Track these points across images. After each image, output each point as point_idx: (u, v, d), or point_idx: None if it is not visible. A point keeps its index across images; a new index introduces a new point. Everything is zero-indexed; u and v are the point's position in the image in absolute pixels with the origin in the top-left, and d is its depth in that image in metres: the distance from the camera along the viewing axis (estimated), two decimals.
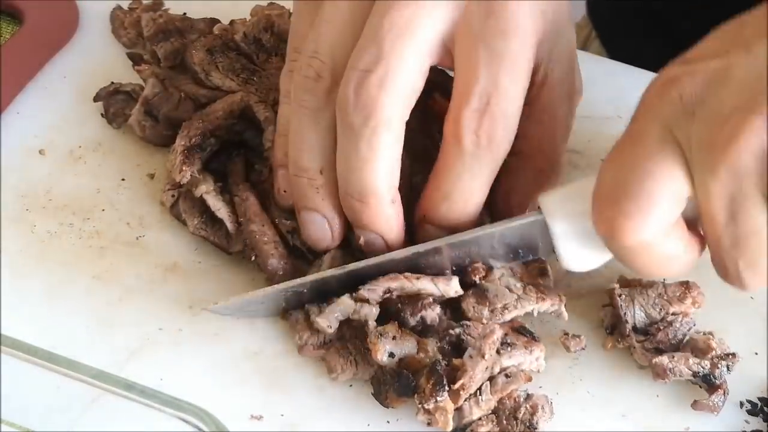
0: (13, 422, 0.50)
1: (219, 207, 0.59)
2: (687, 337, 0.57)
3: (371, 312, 0.54)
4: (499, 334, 0.54)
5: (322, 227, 0.57)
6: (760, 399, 0.56)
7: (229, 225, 0.59)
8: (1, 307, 0.57)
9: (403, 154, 0.55)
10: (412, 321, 0.55)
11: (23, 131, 0.66)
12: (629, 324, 0.57)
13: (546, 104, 0.57)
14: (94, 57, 0.71)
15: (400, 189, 0.56)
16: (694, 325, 0.57)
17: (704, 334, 0.57)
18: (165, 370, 0.55)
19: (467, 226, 0.56)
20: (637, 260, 0.49)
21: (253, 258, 0.58)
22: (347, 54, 0.53)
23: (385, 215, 0.55)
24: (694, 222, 0.50)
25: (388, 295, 0.55)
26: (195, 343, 0.56)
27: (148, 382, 0.51)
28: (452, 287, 0.55)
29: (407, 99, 0.53)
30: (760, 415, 0.56)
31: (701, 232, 0.50)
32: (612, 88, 0.73)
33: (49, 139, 0.66)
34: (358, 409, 0.54)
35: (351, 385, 0.55)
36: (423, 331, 0.55)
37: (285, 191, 0.58)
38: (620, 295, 0.58)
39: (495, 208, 0.59)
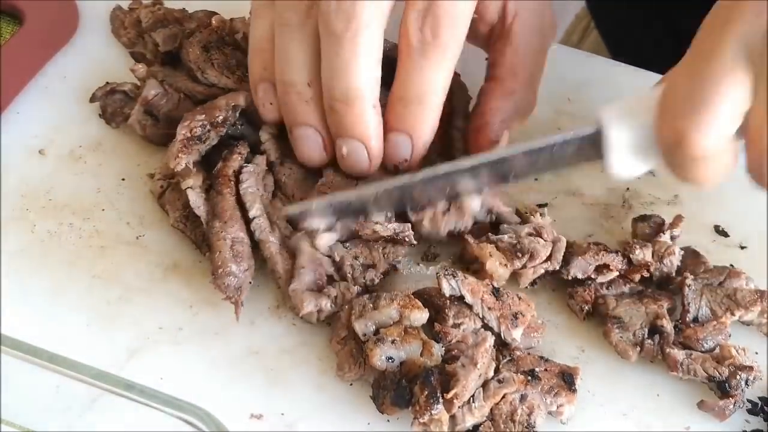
0: (13, 422, 0.50)
1: (199, 204, 0.59)
2: (716, 346, 0.57)
3: (420, 317, 0.55)
4: (490, 341, 0.54)
5: (315, 141, 0.59)
6: (760, 399, 0.56)
7: (205, 224, 0.59)
8: (2, 307, 0.57)
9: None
10: (453, 321, 0.56)
11: (23, 131, 0.66)
12: (690, 314, 0.58)
13: (518, 35, 0.62)
14: (94, 57, 0.71)
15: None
16: (730, 335, 0.58)
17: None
18: (165, 369, 0.55)
19: (428, 132, 0.59)
20: (698, 170, 0.52)
21: (206, 254, 0.58)
22: None
23: (368, 119, 0.57)
24: None
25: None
26: (195, 343, 0.56)
27: (148, 381, 0.51)
28: (515, 334, 0.56)
29: (383, 4, 0.55)
30: (761, 414, 0.56)
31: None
32: (612, 89, 0.73)
33: (49, 139, 0.66)
34: (359, 408, 0.54)
35: (351, 384, 0.55)
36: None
37: (270, 103, 0.60)
38: (690, 285, 0.58)
39: (472, 127, 0.63)
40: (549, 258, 0.59)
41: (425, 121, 0.58)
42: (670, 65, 0.52)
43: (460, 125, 0.65)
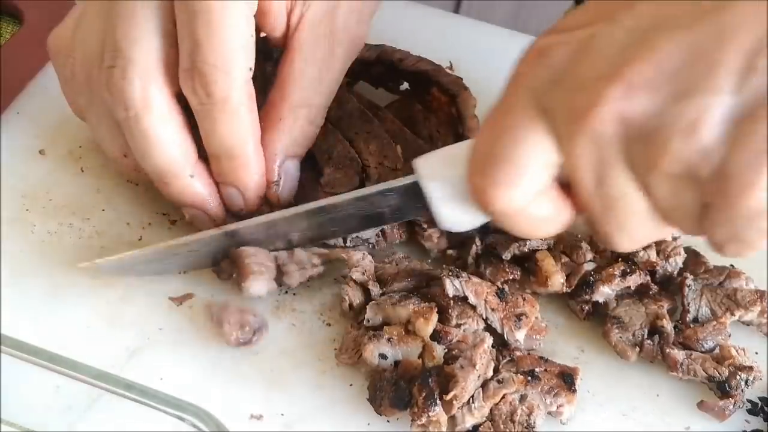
0: (13, 422, 0.50)
1: None
2: (716, 346, 0.57)
3: (424, 329, 0.55)
4: (489, 342, 0.54)
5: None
6: (760, 399, 0.56)
7: None
8: (2, 307, 0.57)
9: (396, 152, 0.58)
10: (456, 321, 0.56)
11: (23, 131, 0.66)
12: (690, 314, 0.58)
13: (298, 46, 0.57)
14: None
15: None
16: (730, 336, 0.58)
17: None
18: (165, 370, 0.55)
19: (251, 179, 0.57)
20: (510, 223, 0.49)
21: None
22: (93, 48, 0.55)
23: (191, 190, 0.57)
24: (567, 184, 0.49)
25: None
26: (195, 343, 0.56)
27: (148, 382, 0.51)
28: (518, 335, 0.56)
29: (154, 79, 0.54)
30: (761, 414, 0.56)
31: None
32: None
33: (49, 139, 0.66)
34: (358, 408, 0.54)
35: (351, 384, 0.55)
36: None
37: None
38: (690, 286, 0.58)
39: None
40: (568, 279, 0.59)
41: (244, 171, 0.56)
42: None
43: (474, 126, 0.64)
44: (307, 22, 0.56)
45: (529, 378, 0.54)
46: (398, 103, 0.68)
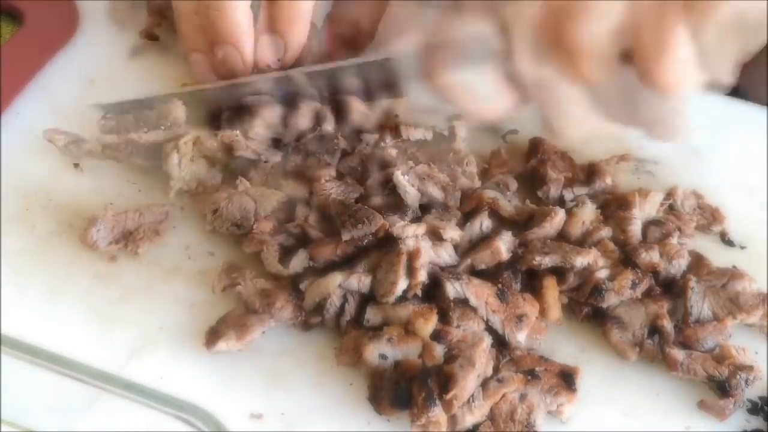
0: (13, 422, 0.50)
1: None
2: (716, 345, 0.57)
3: (424, 329, 0.55)
4: (488, 341, 0.54)
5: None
6: (760, 398, 0.56)
7: None
8: (2, 307, 0.57)
9: None
10: (456, 323, 0.55)
11: (23, 131, 0.66)
12: (693, 317, 0.58)
13: None
14: (94, 57, 0.71)
15: None
16: (730, 336, 0.58)
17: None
18: (165, 369, 0.55)
19: (299, 32, 0.60)
20: (453, 97, 0.58)
21: None
22: None
23: (236, 18, 0.59)
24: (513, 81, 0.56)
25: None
26: (195, 343, 0.56)
27: (148, 381, 0.51)
28: (519, 337, 0.56)
29: None
30: (761, 414, 0.56)
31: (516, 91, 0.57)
32: None
33: None
34: (359, 408, 0.54)
35: (351, 384, 0.55)
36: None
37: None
38: (693, 288, 0.58)
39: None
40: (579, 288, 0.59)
41: (298, 22, 0.60)
42: None
43: None
44: None
45: (529, 377, 0.54)
46: None
